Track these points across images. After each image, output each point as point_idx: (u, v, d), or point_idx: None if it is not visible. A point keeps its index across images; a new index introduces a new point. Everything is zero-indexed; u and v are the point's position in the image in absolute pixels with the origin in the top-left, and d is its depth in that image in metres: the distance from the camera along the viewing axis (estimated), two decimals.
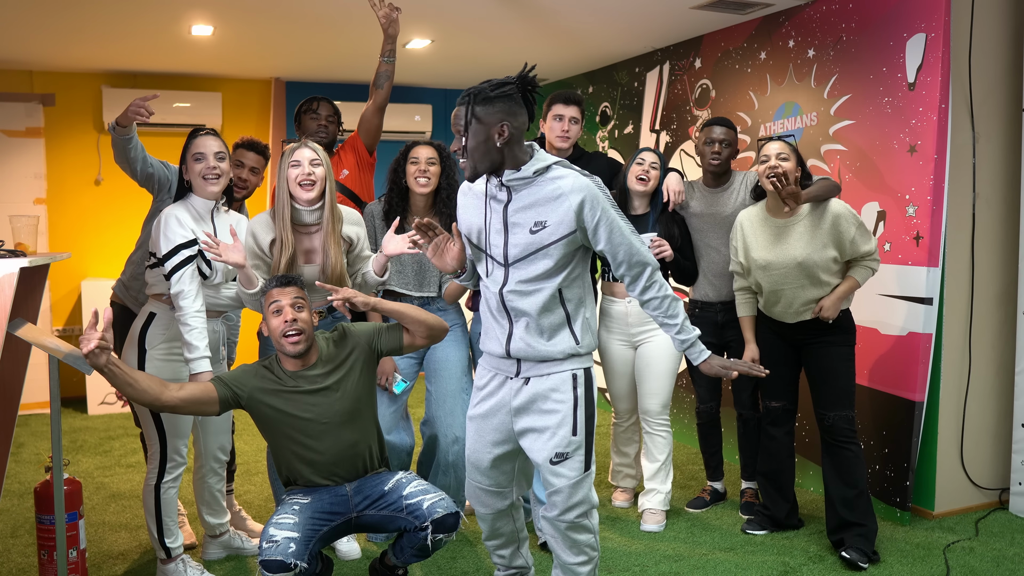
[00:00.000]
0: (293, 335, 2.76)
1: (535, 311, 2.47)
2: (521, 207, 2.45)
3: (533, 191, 2.44)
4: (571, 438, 2.49)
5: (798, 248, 3.29)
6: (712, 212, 3.76)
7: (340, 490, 2.87)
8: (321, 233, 3.08)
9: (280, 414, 2.80)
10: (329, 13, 4.51)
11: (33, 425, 5.63)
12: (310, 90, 6.46)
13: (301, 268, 3.07)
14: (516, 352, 2.52)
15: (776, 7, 4.41)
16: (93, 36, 4.98)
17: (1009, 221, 3.92)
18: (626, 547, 3.53)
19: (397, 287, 3.41)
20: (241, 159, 3.45)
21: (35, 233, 3.17)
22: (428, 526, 2.75)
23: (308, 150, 3.06)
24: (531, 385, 2.53)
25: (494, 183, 2.48)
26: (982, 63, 3.78)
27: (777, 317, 3.44)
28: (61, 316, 6.25)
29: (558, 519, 2.54)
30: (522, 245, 2.45)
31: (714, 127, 3.75)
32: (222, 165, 3.01)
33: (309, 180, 3.02)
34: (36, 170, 5.98)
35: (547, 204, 2.43)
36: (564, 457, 2.49)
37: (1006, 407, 3.97)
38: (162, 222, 2.94)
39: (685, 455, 4.89)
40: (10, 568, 3.36)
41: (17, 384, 3.41)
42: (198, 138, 3.02)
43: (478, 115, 2.40)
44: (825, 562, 3.36)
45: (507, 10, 4.49)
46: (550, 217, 2.42)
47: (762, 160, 3.35)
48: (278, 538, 2.64)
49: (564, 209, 2.41)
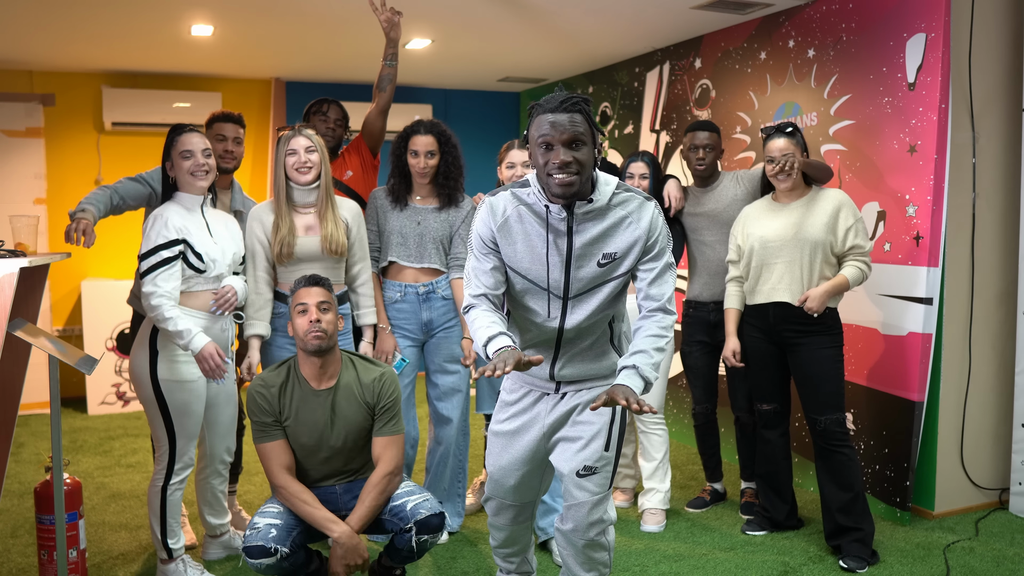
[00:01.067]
0: (317, 333, 2.81)
1: (592, 338, 2.35)
2: (589, 240, 2.25)
3: (599, 220, 2.24)
4: (603, 453, 2.36)
5: (796, 222, 3.34)
6: (705, 210, 3.79)
7: (330, 488, 2.92)
8: (317, 209, 3.23)
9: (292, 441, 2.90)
10: (329, 13, 4.51)
11: (33, 425, 5.63)
12: (310, 90, 6.47)
13: (300, 240, 3.18)
14: (564, 377, 2.39)
15: (776, 7, 4.41)
16: (93, 36, 4.98)
17: (1009, 221, 3.92)
18: (626, 547, 3.53)
19: (398, 258, 3.46)
20: (221, 133, 3.47)
21: (35, 233, 3.16)
22: (412, 527, 2.78)
23: (303, 138, 3.19)
24: (569, 397, 2.41)
25: (556, 212, 2.22)
26: (982, 63, 3.78)
27: (764, 298, 3.43)
28: (61, 316, 6.25)
29: (576, 535, 2.43)
30: (587, 279, 2.27)
31: (697, 132, 3.79)
32: (209, 161, 3.03)
33: (306, 166, 3.18)
34: (36, 170, 5.98)
35: (616, 232, 2.25)
36: (592, 471, 2.36)
37: (1006, 407, 3.97)
38: (149, 222, 2.96)
39: (685, 455, 4.89)
40: (10, 568, 3.36)
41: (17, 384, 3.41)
42: (183, 135, 3.02)
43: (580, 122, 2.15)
44: (825, 562, 3.36)
45: (507, 10, 4.49)
46: (620, 247, 2.25)
47: (768, 159, 3.39)
48: (260, 525, 2.71)
49: (634, 239, 2.25)
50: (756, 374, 3.55)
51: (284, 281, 3.27)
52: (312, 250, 3.20)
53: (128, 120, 6.09)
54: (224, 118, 3.49)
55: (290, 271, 3.23)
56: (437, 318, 3.49)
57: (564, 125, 2.13)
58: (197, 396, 3.01)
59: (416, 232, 3.45)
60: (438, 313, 3.49)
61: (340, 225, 3.24)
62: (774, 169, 3.37)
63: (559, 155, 2.13)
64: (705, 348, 3.86)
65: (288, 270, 3.24)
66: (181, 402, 2.97)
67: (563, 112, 2.13)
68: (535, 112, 2.19)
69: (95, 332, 5.84)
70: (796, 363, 3.42)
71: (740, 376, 3.77)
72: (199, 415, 3.03)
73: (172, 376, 2.95)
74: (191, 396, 2.99)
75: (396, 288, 3.46)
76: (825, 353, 3.35)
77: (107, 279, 6.10)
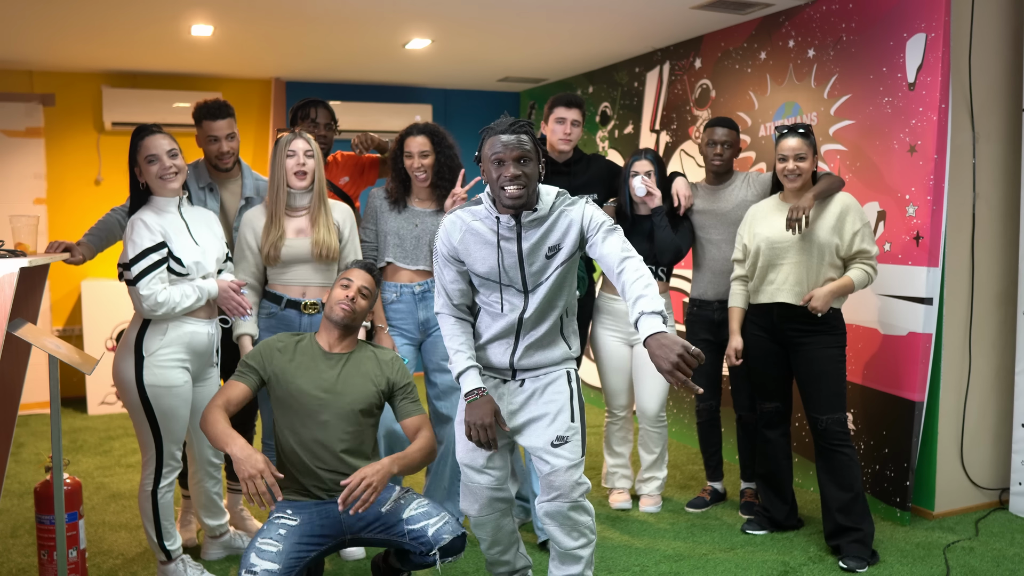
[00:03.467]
0: (346, 307, 2.87)
1: (546, 327, 2.65)
2: (536, 240, 2.57)
3: (541, 223, 2.57)
4: (570, 423, 2.63)
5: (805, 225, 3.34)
6: (713, 208, 3.79)
7: (332, 509, 2.79)
8: (310, 213, 3.27)
9: (295, 390, 2.84)
10: (329, 13, 4.51)
11: (33, 425, 5.63)
12: (310, 90, 6.47)
13: (289, 242, 3.21)
14: (521, 365, 2.68)
15: (776, 7, 4.41)
16: (93, 36, 4.98)
17: (1009, 221, 3.92)
18: (626, 547, 3.53)
19: (395, 259, 3.47)
20: (213, 134, 3.39)
21: (35, 233, 3.16)
22: (436, 553, 2.71)
23: (302, 141, 3.24)
24: (528, 384, 2.70)
25: (505, 222, 2.56)
26: (982, 63, 3.78)
27: (768, 298, 3.42)
28: (61, 316, 6.25)
29: (560, 500, 2.60)
30: (538, 271, 2.59)
31: (716, 128, 3.79)
32: (176, 162, 2.96)
33: (303, 170, 3.22)
34: (36, 170, 5.98)
35: (558, 230, 2.57)
36: (564, 440, 2.61)
37: (1006, 407, 3.97)
38: (129, 229, 2.92)
39: (685, 455, 4.89)
40: (10, 568, 3.36)
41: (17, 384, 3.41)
42: (146, 139, 2.96)
43: (528, 143, 2.53)
44: (825, 562, 3.36)
45: (507, 10, 4.49)
46: (564, 240, 2.57)
47: (780, 158, 3.38)
48: (257, 571, 2.58)
49: (574, 230, 2.57)
50: (759, 373, 3.55)
51: (274, 282, 3.28)
52: (302, 253, 3.22)
53: (128, 120, 6.09)
54: (212, 114, 3.38)
55: (279, 272, 3.25)
56: (433, 317, 3.50)
57: (513, 144, 2.48)
58: (183, 400, 2.98)
59: (413, 235, 3.46)
60: (434, 312, 3.49)
61: (332, 230, 3.26)
62: (785, 169, 3.36)
63: (509, 169, 2.48)
64: (710, 346, 3.85)
65: (277, 271, 3.26)
66: (168, 407, 2.94)
67: (512, 133, 2.49)
68: (487, 135, 2.54)
69: (95, 332, 5.84)
70: (799, 362, 3.42)
71: (743, 375, 3.77)
72: (185, 419, 3.01)
73: (157, 381, 2.92)
74: (177, 400, 2.96)
75: (392, 289, 3.47)
76: (829, 353, 3.35)
77: (107, 279, 6.10)
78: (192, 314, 2.98)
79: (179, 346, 2.95)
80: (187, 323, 2.97)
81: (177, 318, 2.94)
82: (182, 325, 2.96)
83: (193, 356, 3.00)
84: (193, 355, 3.00)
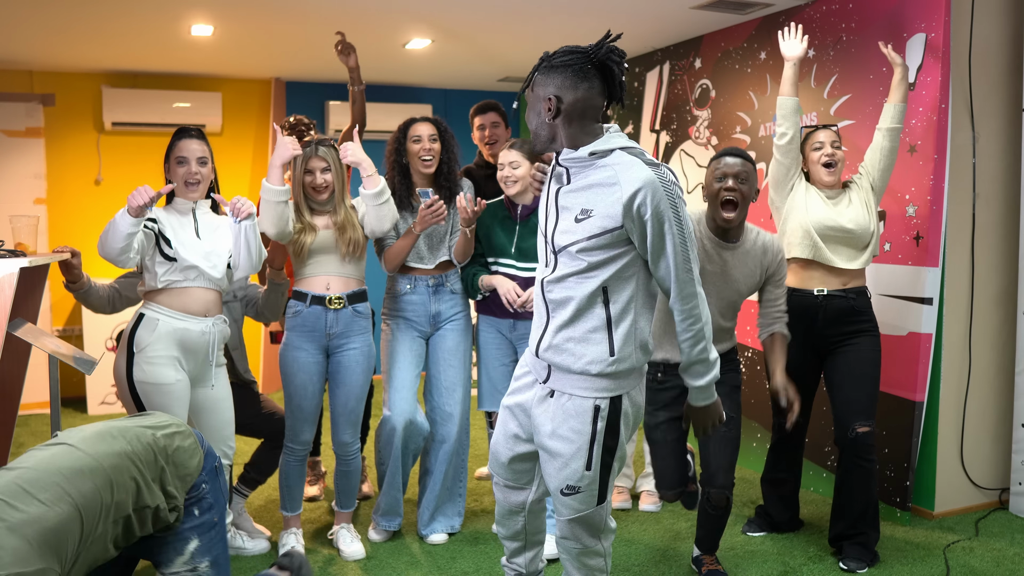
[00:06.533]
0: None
1: (573, 307, 2.22)
2: (573, 190, 2.22)
3: (588, 174, 2.20)
4: (583, 472, 2.27)
5: (852, 217, 3.34)
6: (712, 270, 3.01)
7: None
8: (333, 216, 3.33)
9: None
10: (329, 13, 4.51)
11: (33, 425, 5.63)
12: (310, 90, 6.48)
13: (317, 236, 3.28)
14: (545, 352, 2.29)
15: (776, 7, 4.41)
16: (93, 36, 4.98)
17: (1009, 221, 3.92)
18: (626, 547, 3.54)
19: (409, 260, 3.49)
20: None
21: (35, 233, 3.17)
22: None
23: (319, 160, 3.27)
24: (554, 401, 2.30)
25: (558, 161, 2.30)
26: (982, 63, 3.78)
27: (816, 286, 3.33)
28: (61, 316, 6.25)
29: (567, 542, 2.42)
30: (567, 233, 2.21)
31: (725, 159, 2.99)
32: (203, 170, 3.01)
33: (322, 187, 3.28)
34: (36, 170, 5.98)
35: (598, 190, 2.17)
36: (575, 491, 2.29)
37: (1006, 407, 3.97)
38: None
39: None
40: None
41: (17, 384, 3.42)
42: (182, 140, 3.00)
43: (535, 83, 2.24)
44: (825, 562, 3.36)
45: (507, 10, 4.49)
46: (597, 206, 2.16)
47: (815, 147, 3.41)
48: None
49: (613, 200, 2.14)
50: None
51: (298, 277, 3.32)
52: (327, 243, 3.29)
53: (128, 120, 6.09)
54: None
55: (303, 265, 3.32)
56: (446, 310, 3.53)
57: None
58: (176, 399, 2.95)
59: (424, 234, 3.47)
60: (447, 306, 3.54)
61: (357, 228, 3.32)
62: (820, 157, 3.38)
63: None
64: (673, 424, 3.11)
65: (300, 264, 3.32)
66: (158, 405, 2.92)
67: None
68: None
69: (95, 332, 5.84)
70: (836, 362, 3.34)
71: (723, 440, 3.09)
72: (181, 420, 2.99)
73: (148, 379, 2.91)
74: (169, 399, 2.93)
75: (407, 280, 3.49)
76: (870, 355, 3.30)
77: (107, 279, 6.08)
78: (183, 310, 2.97)
79: (170, 342, 2.93)
80: (178, 319, 2.96)
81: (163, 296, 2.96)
82: (173, 321, 2.95)
83: (186, 354, 2.98)
84: (186, 353, 2.98)
